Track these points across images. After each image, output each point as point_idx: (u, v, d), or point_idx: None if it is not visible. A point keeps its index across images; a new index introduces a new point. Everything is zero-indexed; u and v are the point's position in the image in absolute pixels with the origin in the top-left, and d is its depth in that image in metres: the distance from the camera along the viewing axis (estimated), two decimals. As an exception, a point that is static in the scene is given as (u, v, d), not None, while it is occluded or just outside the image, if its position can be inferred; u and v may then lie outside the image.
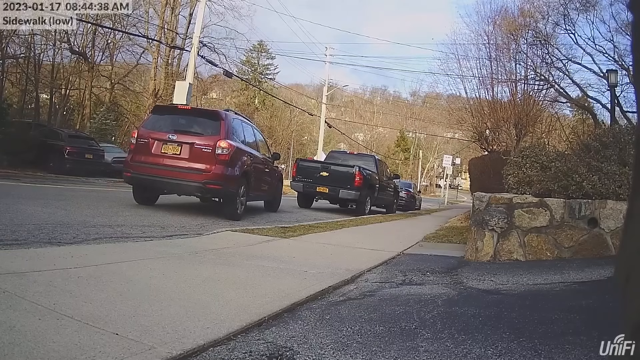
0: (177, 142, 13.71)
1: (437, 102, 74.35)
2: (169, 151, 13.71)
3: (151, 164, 13.71)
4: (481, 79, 25.87)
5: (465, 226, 15.53)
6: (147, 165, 13.74)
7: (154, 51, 46.65)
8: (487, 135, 26.26)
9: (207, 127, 14.23)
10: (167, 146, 13.76)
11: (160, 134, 13.97)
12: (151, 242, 8.23)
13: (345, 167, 23.39)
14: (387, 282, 6.68)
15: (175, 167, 13.55)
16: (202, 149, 13.64)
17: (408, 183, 47.08)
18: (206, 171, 13.50)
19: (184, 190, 14.17)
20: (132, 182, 14.55)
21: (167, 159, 13.69)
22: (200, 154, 13.62)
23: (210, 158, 13.60)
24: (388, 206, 28.99)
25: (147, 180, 13.88)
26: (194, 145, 13.65)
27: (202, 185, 13.52)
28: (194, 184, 13.57)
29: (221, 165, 13.66)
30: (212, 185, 13.58)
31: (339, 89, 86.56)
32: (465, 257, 9.27)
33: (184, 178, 13.50)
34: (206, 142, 13.72)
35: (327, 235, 11.91)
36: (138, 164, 13.89)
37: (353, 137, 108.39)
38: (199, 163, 13.57)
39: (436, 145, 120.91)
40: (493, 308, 5.36)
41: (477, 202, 9.22)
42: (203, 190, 13.83)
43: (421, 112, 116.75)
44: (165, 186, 14.15)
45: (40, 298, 4.06)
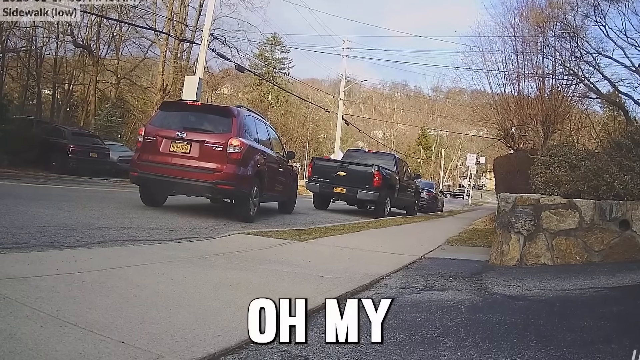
0: (187, 140, 13.58)
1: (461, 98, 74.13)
2: (178, 150, 13.59)
3: (159, 163, 13.60)
4: (507, 73, 25.73)
5: (490, 229, 15.46)
6: (154, 164, 13.64)
7: (162, 44, 46.35)
8: (513, 133, 26.13)
9: (218, 124, 14.13)
10: (176, 144, 13.63)
11: (168, 131, 13.85)
12: (159, 245, 8.25)
13: (364, 167, 23.33)
14: (408, 288, 6.66)
15: (184, 167, 13.43)
16: (213, 148, 13.50)
17: (430, 183, 46.89)
18: (217, 171, 13.38)
19: (194, 190, 14.15)
20: (139, 182, 14.44)
21: (176, 157, 13.57)
22: (210, 152, 13.49)
23: (221, 157, 13.47)
24: (409, 208, 28.90)
25: (155, 180, 13.79)
26: (205, 144, 13.52)
27: (212, 185, 13.40)
28: (204, 184, 13.46)
29: (233, 164, 13.52)
30: (224, 185, 13.44)
31: (357, 84, 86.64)
32: (490, 261, 9.22)
33: (193, 178, 13.39)
34: (217, 140, 13.58)
35: (345, 238, 11.89)
36: (145, 163, 13.80)
37: (372, 135, 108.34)
38: (209, 162, 13.44)
39: (459, 143, 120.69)
40: (519, 315, 5.33)
41: (502, 203, 9.17)
42: (214, 190, 13.73)
43: (443, 109, 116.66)
44: (174, 186, 14.12)
45: (42, 304, 4.06)
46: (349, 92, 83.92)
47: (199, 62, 30.85)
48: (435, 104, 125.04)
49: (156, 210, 13.83)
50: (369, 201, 23.36)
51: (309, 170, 24.76)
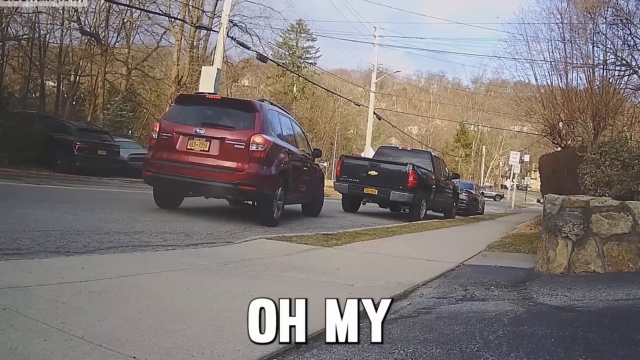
0: (206, 137, 13.55)
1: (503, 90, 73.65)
2: (196, 147, 13.57)
3: (175, 162, 13.60)
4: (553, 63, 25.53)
5: (535, 233, 15.37)
6: (170, 163, 13.63)
7: (176, 32, 46.37)
8: (560, 129, 25.94)
9: (239, 120, 14.11)
10: (193, 141, 13.60)
11: (185, 127, 13.85)
12: (173, 251, 8.27)
13: (397, 166, 23.30)
14: (445, 298, 6.63)
15: (203, 166, 13.40)
16: (234, 145, 13.45)
17: (469, 184, 46.77)
18: (239, 170, 13.33)
19: (213, 192, 14.10)
20: (153, 182, 14.44)
21: (193, 156, 13.54)
22: (231, 150, 13.44)
23: (243, 155, 13.40)
24: (446, 210, 28.87)
25: (171, 180, 13.77)
26: (225, 141, 13.48)
27: (233, 186, 13.37)
28: (225, 185, 13.44)
29: (256, 163, 13.45)
30: (245, 186, 13.40)
31: (390, 75, 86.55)
32: (535, 268, 9.15)
33: (213, 178, 13.37)
34: (239, 137, 13.54)
35: (376, 243, 11.87)
36: (160, 162, 13.78)
37: (406, 131, 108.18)
38: (230, 161, 13.39)
39: (502, 140, 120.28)
40: (567, 327, 5.28)
41: (548, 206, 9.11)
42: (235, 192, 13.74)
43: (484, 102, 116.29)
44: (191, 187, 14.09)
45: (46, 316, 4.07)
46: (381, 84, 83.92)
47: (217, 52, 30.86)
48: (475, 96, 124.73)
49: (171, 213, 13.86)
50: (403, 203, 23.36)
51: (338, 169, 24.75)
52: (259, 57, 35.96)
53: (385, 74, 70.38)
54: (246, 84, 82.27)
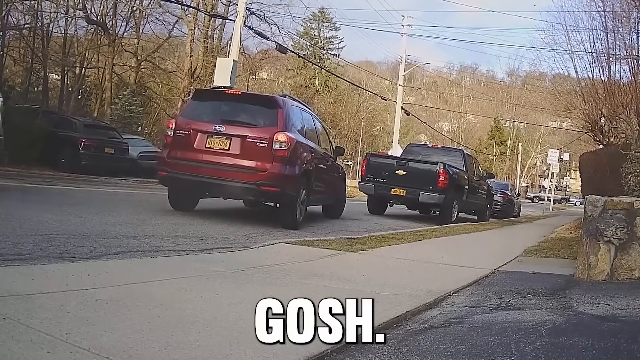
0: (226, 135, 13.58)
1: (540, 83, 73.70)
2: (216, 146, 13.61)
3: (194, 161, 13.65)
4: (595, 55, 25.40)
5: (575, 237, 15.30)
6: (188, 162, 13.69)
7: (190, 21, 46.13)
8: (602, 125, 25.81)
9: (261, 116, 14.18)
10: (213, 139, 13.63)
11: (204, 124, 13.91)
12: (186, 256, 8.30)
13: (427, 165, 23.26)
14: (479, 307, 6.61)
15: (223, 165, 13.46)
16: (256, 144, 13.50)
17: (504, 184, 46.66)
18: (261, 170, 13.38)
19: (233, 192, 14.23)
20: (169, 183, 14.51)
21: (213, 155, 13.58)
22: (253, 149, 13.50)
23: (266, 154, 13.46)
24: (479, 212, 28.79)
25: (188, 181, 13.81)
26: (246, 139, 13.53)
27: (255, 187, 13.41)
28: (246, 186, 13.50)
29: (279, 163, 13.49)
30: (268, 187, 13.43)
31: (419, 67, 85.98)
32: (575, 275, 9.11)
33: (234, 178, 13.41)
34: (261, 135, 13.62)
35: (404, 248, 11.86)
36: (177, 161, 13.81)
37: (436, 127, 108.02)
38: (252, 160, 13.45)
39: (539, 137, 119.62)
40: (610, 339, 5.25)
41: (589, 208, 9.05)
42: (256, 193, 13.80)
43: (521, 96, 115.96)
44: (209, 188, 14.21)
45: (49, 326, 4.06)
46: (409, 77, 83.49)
47: (233, 42, 30.88)
48: (510, 90, 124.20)
49: (183, 216, 13.90)
50: (433, 205, 23.31)
51: (363, 168, 24.73)
52: (278, 47, 35.97)
53: (414, 66, 70.10)
54: (264, 77, 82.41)
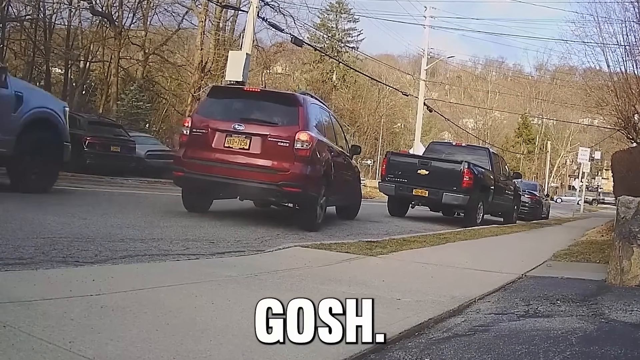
0: (245, 134, 13.84)
1: (570, 78, 73.39)
2: (235, 145, 13.86)
3: (212, 162, 13.87)
4: (628, 48, 25.30)
5: (607, 240, 15.26)
6: (206, 162, 13.92)
7: (200, 12, 45.89)
8: (635, 122, 25.73)
9: (282, 115, 14.45)
10: (232, 139, 13.89)
11: (222, 123, 14.18)
12: (197, 261, 8.30)
13: (451, 164, 23.25)
14: (505, 314, 6.60)
15: (242, 165, 13.71)
16: (278, 143, 13.76)
17: (532, 184, 46.54)
18: (283, 170, 13.64)
19: (254, 193, 14.56)
20: (185, 184, 14.72)
21: (233, 154, 13.84)
22: (274, 148, 13.75)
23: (287, 154, 13.72)
24: (506, 214, 28.73)
25: (206, 181, 14.05)
26: (267, 138, 13.78)
27: (277, 187, 13.63)
28: (267, 187, 13.73)
29: (301, 162, 13.76)
30: (290, 187, 13.66)
31: (443, 61, 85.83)
32: (607, 280, 9.08)
33: (253, 179, 13.66)
34: (282, 133, 13.87)
35: (427, 252, 11.86)
36: (194, 161, 14.04)
37: (460, 124, 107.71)
38: (273, 160, 13.71)
39: (569, 134, 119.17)
40: (645, 348, 5.25)
41: (622, 209, 9.02)
42: (278, 193, 13.99)
43: (549, 92, 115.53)
44: (228, 189, 14.46)
45: (52, 334, 4.05)
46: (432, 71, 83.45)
47: (246, 34, 30.87)
48: (539, 85, 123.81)
49: (193, 218, 13.96)
50: (457, 206, 23.29)
51: (383, 168, 24.69)
52: (294, 40, 35.91)
53: (437, 60, 70.04)
54: (279, 71, 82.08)
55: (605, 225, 25.58)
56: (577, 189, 72.75)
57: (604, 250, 13.36)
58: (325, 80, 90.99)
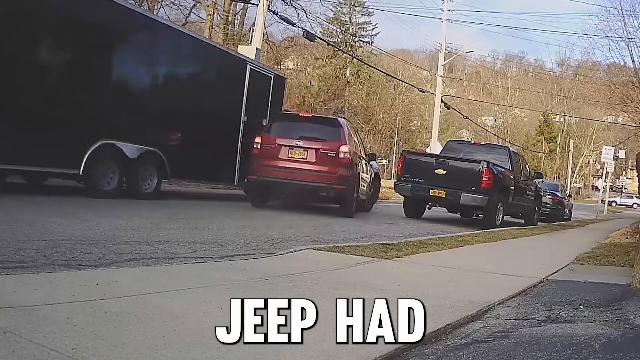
0: (304, 148, 19.63)
1: (594, 74, 73.10)
2: (297, 155, 19.63)
3: (280, 168, 19.53)
4: (654, 43, 25.28)
5: (632, 243, 15.25)
6: (275, 168, 19.52)
7: (208, 5, 45.95)
8: (662, 120, 25.70)
9: (328, 133, 20.44)
10: (293, 151, 19.68)
11: (287, 139, 19.92)
12: (205, 264, 8.31)
13: (469, 163, 23.20)
14: (526, 319, 6.59)
15: (303, 170, 19.48)
16: (327, 154, 19.64)
17: (554, 184, 46.39)
18: (332, 173, 19.48)
19: (311, 191, 20.22)
20: (259, 185, 20.29)
21: (295, 162, 19.59)
22: (325, 158, 19.61)
23: (334, 162, 19.56)
24: (527, 215, 28.65)
25: (276, 182, 19.63)
26: (320, 150, 19.64)
27: (328, 185, 19.65)
28: (322, 185, 19.73)
29: (344, 167, 19.63)
30: (337, 185, 19.60)
31: (461, 56, 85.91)
32: (631, 284, 9.06)
33: (312, 180, 19.49)
34: (330, 146, 19.74)
35: (444, 255, 11.87)
36: (265, 168, 19.55)
37: (479, 122, 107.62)
38: (325, 166, 19.53)
39: (592, 132, 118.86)
40: (671, 355, 5.23)
41: (649, 211, 8.99)
42: (329, 190, 19.99)
43: (572, 88, 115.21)
44: (292, 188, 19.83)
45: (54, 340, 4.04)
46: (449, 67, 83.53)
47: (256, 28, 30.95)
48: (561, 81, 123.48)
49: (201, 220, 14.09)
50: (476, 207, 23.26)
51: (399, 167, 24.65)
52: (306, 34, 35.93)
53: (454, 55, 69.92)
54: (290, 67, 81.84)
55: (630, 227, 25.54)
56: (600, 189, 72.38)
57: (628, 253, 13.34)
58: (339, 76, 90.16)
